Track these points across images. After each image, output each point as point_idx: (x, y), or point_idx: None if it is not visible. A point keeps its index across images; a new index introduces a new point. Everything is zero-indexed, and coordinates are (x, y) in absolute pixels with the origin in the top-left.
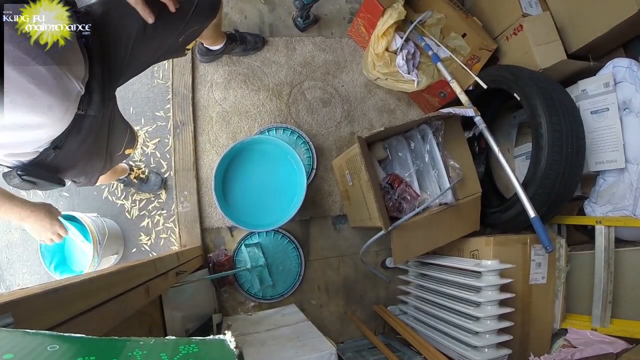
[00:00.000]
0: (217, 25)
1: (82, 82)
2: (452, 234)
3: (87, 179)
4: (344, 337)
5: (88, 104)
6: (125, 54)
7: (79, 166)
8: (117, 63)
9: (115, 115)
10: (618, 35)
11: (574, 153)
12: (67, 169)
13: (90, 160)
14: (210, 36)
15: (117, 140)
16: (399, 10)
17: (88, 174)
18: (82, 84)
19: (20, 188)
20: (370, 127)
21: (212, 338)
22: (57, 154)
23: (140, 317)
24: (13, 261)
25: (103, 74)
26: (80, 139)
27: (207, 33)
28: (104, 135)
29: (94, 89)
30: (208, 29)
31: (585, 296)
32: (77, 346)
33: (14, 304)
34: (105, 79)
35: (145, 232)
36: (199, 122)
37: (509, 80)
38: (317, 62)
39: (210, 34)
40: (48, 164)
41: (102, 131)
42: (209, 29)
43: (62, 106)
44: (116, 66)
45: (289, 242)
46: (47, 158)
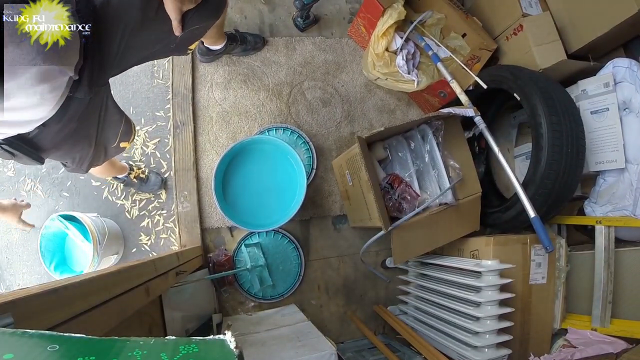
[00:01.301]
0: (220, 26)
1: (75, 69)
2: (452, 234)
3: (75, 164)
4: (344, 337)
5: (76, 87)
6: (121, 43)
7: (64, 148)
8: (110, 50)
9: (109, 104)
10: (618, 35)
11: (574, 153)
12: (49, 148)
13: (76, 144)
14: (213, 36)
15: (110, 130)
16: (399, 10)
17: (75, 158)
18: (76, 71)
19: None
20: (370, 127)
21: (212, 338)
22: (40, 131)
23: (140, 317)
24: (13, 261)
25: (93, 60)
26: (65, 120)
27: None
28: (93, 122)
29: (84, 75)
30: (211, 29)
31: (585, 296)
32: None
33: (14, 304)
34: (95, 65)
35: (145, 232)
36: (199, 122)
37: (509, 80)
38: (317, 62)
39: (212, 34)
40: (30, 139)
41: (90, 117)
42: (212, 29)
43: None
44: (109, 53)
45: (289, 242)
46: (29, 133)
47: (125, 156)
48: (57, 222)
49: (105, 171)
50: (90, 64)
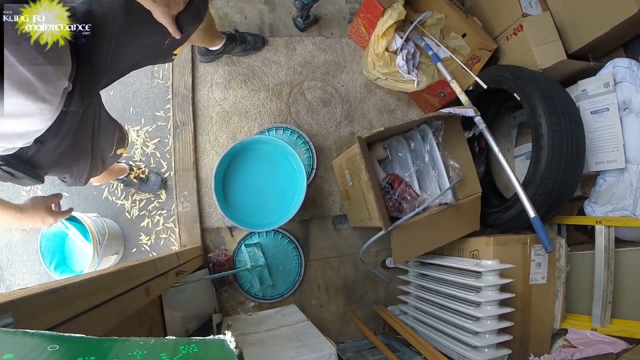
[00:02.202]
0: (206, 29)
1: (69, 79)
2: (452, 234)
3: (73, 178)
4: (344, 337)
5: (69, 100)
6: (108, 52)
7: (63, 164)
8: (99, 61)
9: (101, 115)
10: (618, 35)
11: (574, 153)
12: (48, 165)
13: (74, 159)
14: (202, 39)
15: (105, 141)
16: (399, 10)
17: (73, 172)
18: (70, 81)
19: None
20: (370, 127)
21: (213, 338)
22: (39, 148)
23: (140, 317)
24: (13, 261)
25: (84, 71)
26: (61, 135)
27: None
28: (87, 134)
29: (76, 86)
30: (197, 34)
31: (585, 296)
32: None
33: (14, 304)
34: (85, 76)
35: (145, 232)
36: (199, 122)
37: (509, 80)
38: (317, 62)
39: (200, 38)
40: (29, 158)
41: (85, 129)
42: (197, 33)
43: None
44: (98, 64)
45: (289, 242)
46: (28, 152)
47: (125, 156)
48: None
49: (106, 177)
50: (82, 74)
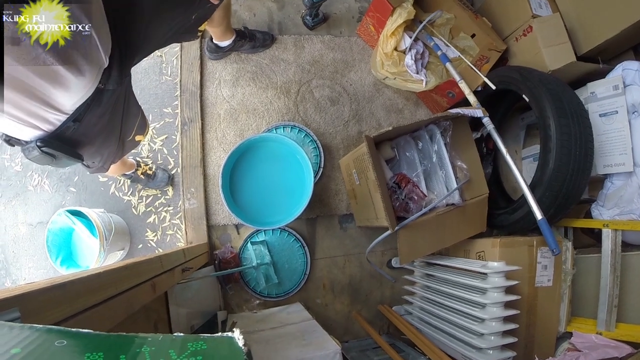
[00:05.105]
0: (227, 9)
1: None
2: (458, 234)
3: (101, 162)
4: (349, 337)
5: (107, 78)
6: (141, 28)
7: (97, 143)
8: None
9: (130, 95)
10: (628, 37)
11: (582, 156)
12: (85, 144)
13: (106, 139)
14: (221, 21)
15: (130, 122)
16: (409, 10)
17: (103, 155)
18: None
19: (38, 162)
20: (378, 126)
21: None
22: (77, 127)
23: (146, 312)
24: (19, 255)
25: (121, 49)
26: (99, 113)
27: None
28: (119, 114)
29: (113, 63)
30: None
31: (591, 300)
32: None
33: (21, 299)
34: (122, 54)
35: (152, 229)
36: (207, 119)
37: (518, 82)
38: (325, 61)
39: (220, 18)
40: (68, 137)
41: (118, 109)
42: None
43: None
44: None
45: (295, 240)
46: (67, 131)
47: (132, 152)
48: (64, 217)
49: (117, 170)
50: (118, 52)
